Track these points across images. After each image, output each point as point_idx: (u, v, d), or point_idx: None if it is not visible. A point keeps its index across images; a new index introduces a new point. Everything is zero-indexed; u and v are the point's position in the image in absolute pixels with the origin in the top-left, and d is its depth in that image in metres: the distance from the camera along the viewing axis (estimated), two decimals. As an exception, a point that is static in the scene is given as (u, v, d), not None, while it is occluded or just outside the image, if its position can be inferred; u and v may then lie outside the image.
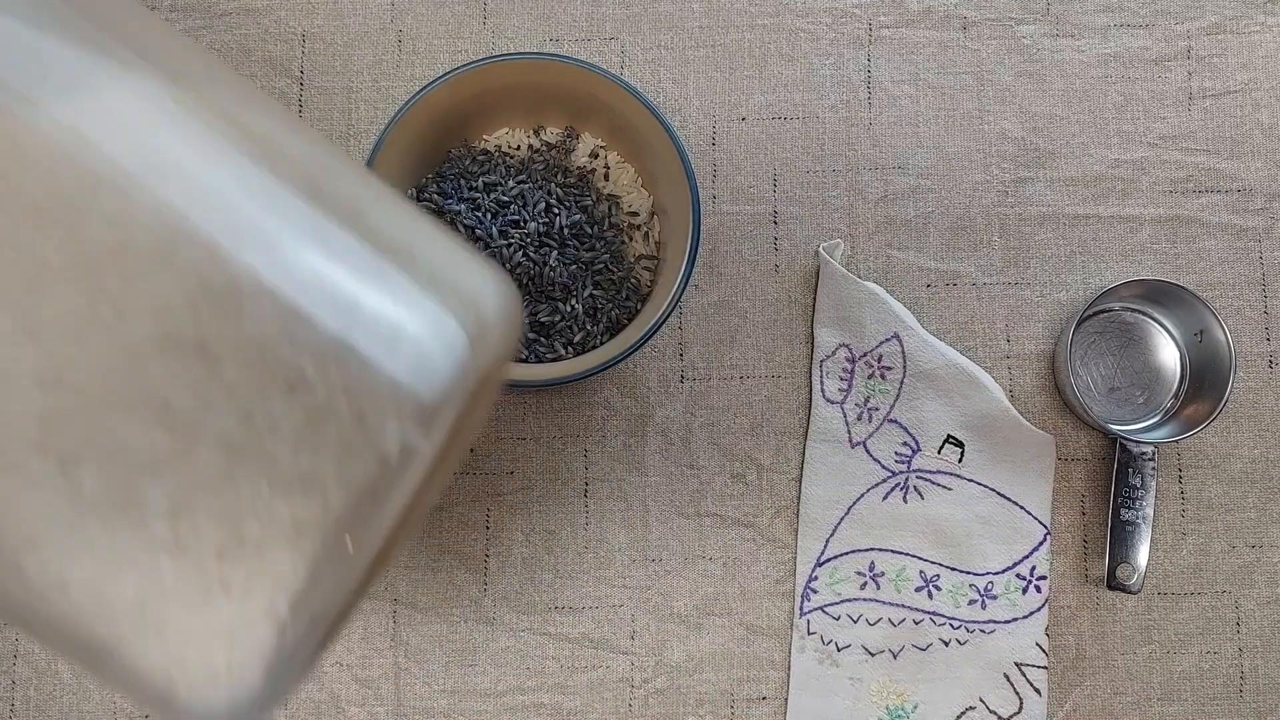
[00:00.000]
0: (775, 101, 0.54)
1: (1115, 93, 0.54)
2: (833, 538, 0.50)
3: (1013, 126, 0.53)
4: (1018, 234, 0.53)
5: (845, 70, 0.54)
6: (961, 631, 0.50)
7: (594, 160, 0.50)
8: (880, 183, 0.53)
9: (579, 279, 0.48)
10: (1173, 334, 0.52)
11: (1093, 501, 0.51)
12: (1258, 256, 0.53)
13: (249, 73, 0.54)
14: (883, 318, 0.51)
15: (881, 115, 0.53)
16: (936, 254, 0.53)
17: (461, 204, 0.47)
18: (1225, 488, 0.51)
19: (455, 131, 0.49)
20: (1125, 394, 0.52)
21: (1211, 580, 0.51)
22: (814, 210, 0.53)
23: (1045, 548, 0.50)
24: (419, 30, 0.54)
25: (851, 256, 0.53)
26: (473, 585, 0.51)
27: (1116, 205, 0.53)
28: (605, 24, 0.54)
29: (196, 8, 0.54)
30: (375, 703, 0.50)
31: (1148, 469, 0.49)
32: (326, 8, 0.54)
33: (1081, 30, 0.54)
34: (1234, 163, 0.53)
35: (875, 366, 0.51)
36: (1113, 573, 0.48)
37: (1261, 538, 0.51)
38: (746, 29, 0.54)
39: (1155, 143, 0.53)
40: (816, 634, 0.50)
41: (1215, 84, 0.54)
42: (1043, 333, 0.52)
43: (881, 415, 0.51)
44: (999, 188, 0.53)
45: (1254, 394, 0.52)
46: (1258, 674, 0.50)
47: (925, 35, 0.54)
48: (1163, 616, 0.51)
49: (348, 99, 0.54)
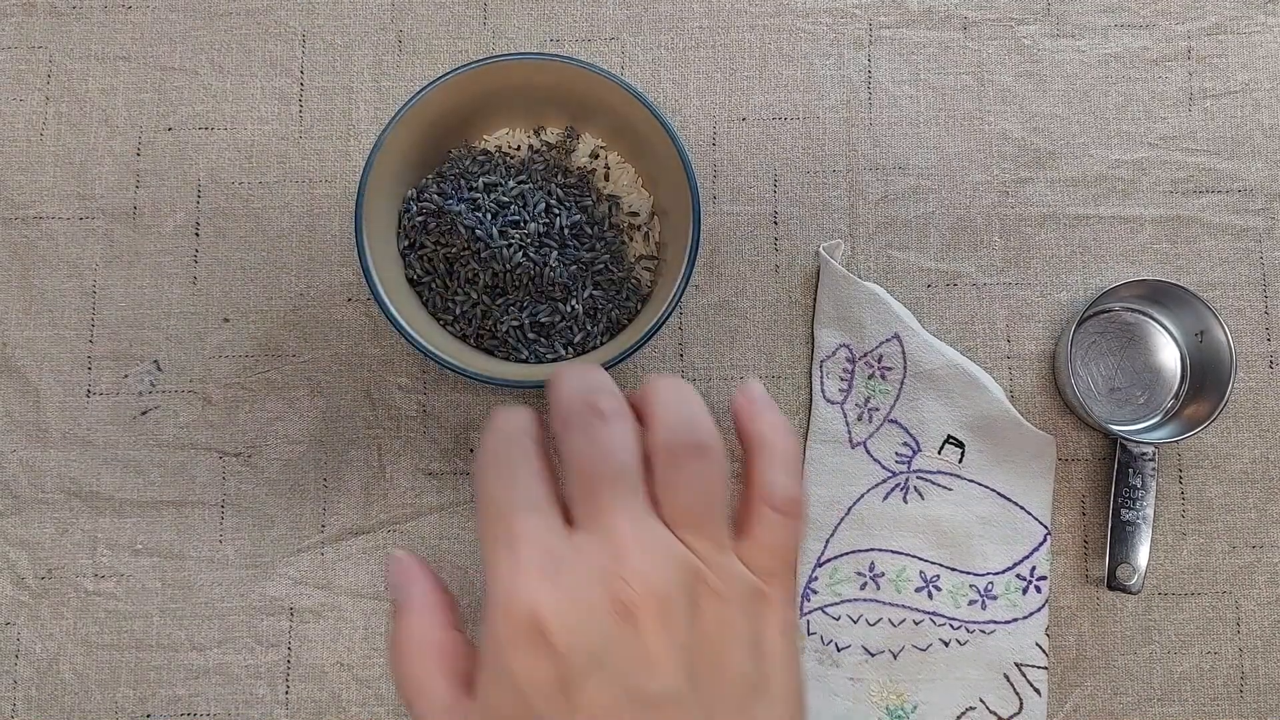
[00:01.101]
0: (775, 102, 0.54)
1: (1116, 93, 0.54)
2: (833, 538, 0.50)
3: (1013, 127, 0.53)
4: (1018, 234, 0.53)
5: (846, 70, 0.54)
6: (961, 632, 0.50)
7: (594, 161, 0.50)
8: (881, 183, 0.53)
9: (579, 279, 0.48)
10: (1173, 334, 0.52)
11: (1093, 502, 0.51)
12: (1258, 257, 0.53)
13: (249, 73, 0.54)
14: (883, 318, 0.50)
15: (882, 115, 0.53)
16: (937, 254, 0.53)
17: (461, 204, 0.47)
18: (1226, 488, 0.51)
19: (455, 132, 0.49)
20: (1126, 394, 0.52)
21: (1212, 581, 0.51)
22: (814, 210, 0.53)
23: (1045, 548, 0.50)
24: (419, 31, 0.54)
25: (852, 257, 0.53)
26: (473, 585, 0.50)
27: (1117, 205, 0.53)
28: (606, 24, 0.54)
29: (196, 8, 0.54)
30: (375, 703, 0.50)
31: (1148, 469, 0.49)
32: (326, 8, 0.54)
33: (1082, 30, 0.54)
34: (1235, 163, 0.53)
35: (875, 367, 0.51)
36: (1113, 573, 0.48)
37: (1262, 538, 0.51)
38: (747, 29, 0.54)
39: (1156, 143, 0.53)
40: (816, 634, 0.50)
41: (1216, 84, 0.54)
42: (1043, 333, 0.52)
43: (882, 415, 0.51)
44: (999, 188, 0.53)
45: (1254, 394, 0.52)
46: (1258, 674, 0.50)
47: (926, 35, 0.54)
48: (1163, 617, 0.51)
49: (348, 99, 0.54)
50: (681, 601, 0.31)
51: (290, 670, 0.50)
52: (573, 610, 0.30)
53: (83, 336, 0.52)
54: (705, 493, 0.33)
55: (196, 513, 0.51)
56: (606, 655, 0.30)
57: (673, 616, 0.30)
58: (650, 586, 0.30)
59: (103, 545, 0.51)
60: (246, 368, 0.52)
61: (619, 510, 0.31)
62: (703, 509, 0.33)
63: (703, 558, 0.32)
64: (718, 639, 0.31)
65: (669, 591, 0.30)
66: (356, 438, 0.51)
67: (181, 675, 0.50)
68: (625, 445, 0.32)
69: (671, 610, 0.30)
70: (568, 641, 0.29)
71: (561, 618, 0.30)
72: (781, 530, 0.34)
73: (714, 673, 0.31)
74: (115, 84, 0.54)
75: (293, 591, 0.50)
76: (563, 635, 0.29)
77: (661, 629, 0.30)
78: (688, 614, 0.31)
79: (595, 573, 0.30)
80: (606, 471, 0.32)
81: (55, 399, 0.52)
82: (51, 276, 0.52)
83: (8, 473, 0.51)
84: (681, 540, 0.32)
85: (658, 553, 0.31)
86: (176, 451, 0.51)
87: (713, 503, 0.33)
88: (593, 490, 0.32)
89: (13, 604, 0.50)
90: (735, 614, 0.32)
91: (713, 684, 0.31)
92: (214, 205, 0.53)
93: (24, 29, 0.54)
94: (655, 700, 0.30)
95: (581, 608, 0.30)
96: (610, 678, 0.29)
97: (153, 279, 0.52)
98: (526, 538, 0.31)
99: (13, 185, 0.53)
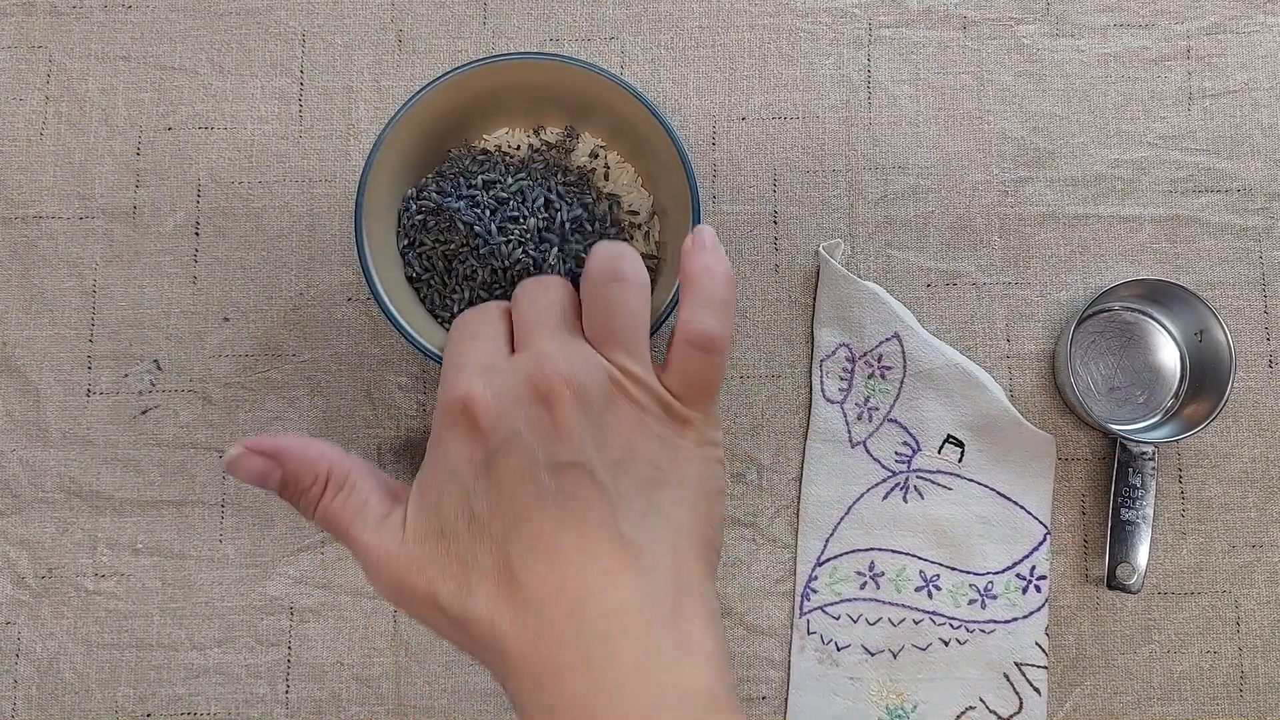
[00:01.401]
0: (775, 101, 0.54)
1: (1115, 92, 0.54)
2: (833, 537, 0.50)
3: (1013, 126, 0.53)
4: (1018, 234, 0.53)
5: (845, 70, 0.54)
6: (961, 631, 0.50)
7: (594, 160, 0.50)
8: (880, 182, 0.53)
9: (579, 276, 0.48)
10: (1173, 334, 0.52)
11: (1093, 501, 0.51)
12: (1258, 256, 0.53)
13: (249, 72, 0.54)
14: (883, 317, 0.51)
15: (881, 115, 0.54)
16: (936, 254, 0.53)
17: (460, 200, 0.47)
18: (1225, 487, 0.51)
19: (455, 131, 0.49)
20: (1125, 393, 0.52)
21: (1212, 580, 0.51)
22: (814, 210, 0.53)
23: (1045, 547, 0.50)
24: (419, 30, 0.54)
25: (851, 256, 0.53)
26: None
27: (1116, 205, 0.53)
28: (605, 24, 0.54)
29: (196, 7, 0.54)
30: (375, 702, 0.50)
31: (1148, 469, 0.49)
32: (326, 8, 0.54)
33: (1081, 30, 0.54)
34: (1234, 162, 0.53)
35: (875, 366, 0.51)
36: (1113, 572, 0.48)
37: (1261, 537, 0.51)
38: (746, 29, 0.54)
39: (1155, 142, 0.53)
40: (816, 634, 0.50)
41: (1215, 84, 0.54)
42: (1043, 332, 0.52)
43: (881, 415, 0.51)
44: (999, 187, 0.53)
45: (1254, 394, 0.52)
46: (1258, 674, 0.50)
47: (925, 35, 0.54)
48: (1163, 616, 0.51)
49: (347, 99, 0.54)
50: (597, 394, 0.36)
51: (290, 669, 0.50)
52: (497, 399, 0.35)
53: (83, 336, 0.52)
54: (624, 315, 0.37)
55: (197, 512, 0.51)
56: (523, 432, 0.35)
57: (587, 402, 0.35)
58: (566, 377, 0.35)
59: (103, 545, 0.51)
60: (246, 367, 0.52)
61: (547, 335, 0.37)
62: (621, 327, 0.37)
63: (622, 369, 0.37)
64: (629, 431, 0.36)
65: (584, 382, 0.35)
66: (356, 437, 0.51)
67: (182, 674, 0.50)
68: (558, 297, 0.39)
69: (586, 398, 0.35)
70: (491, 424, 0.35)
71: (487, 404, 0.35)
72: (698, 363, 0.37)
73: (623, 455, 0.36)
74: (115, 83, 0.54)
75: (293, 591, 0.50)
76: (487, 418, 0.35)
77: (575, 409, 0.35)
78: (602, 405, 0.36)
79: (521, 374, 0.35)
80: (538, 313, 0.38)
81: (55, 398, 0.52)
82: (51, 276, 0.52)
83: (8, 472, 0.51)
84: (603, 355, 0.37)
85: (577, 357, 0.36)
86: (176, 451, 0.51)
87: (632, 324, 0.37)
88: (528, 329, 0.37)
89: (13, 603, 0.50)
90: (649, 419, 0.37)
91: (620, 464, 0.35)
92: (214, 205, 0.53)
93: (24, 28, 0.54)
94: (562, 466, 0.35)
95: (505, 397, 0.35)
96: (524, 448, 0.34)
97: (153, 278, 0.52)
98: (472, 355, 0.37)
99: (12, 185, 0.53)
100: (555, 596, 0.34)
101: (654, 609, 0.34)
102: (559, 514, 0.34)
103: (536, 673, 0.33)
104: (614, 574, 0.34)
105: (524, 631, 0.33)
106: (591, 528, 0.34)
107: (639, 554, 0.35)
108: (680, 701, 0.32)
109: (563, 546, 0.34)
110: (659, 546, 0.35)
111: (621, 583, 0.34)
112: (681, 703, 0.32)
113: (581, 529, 0.34)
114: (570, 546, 0.34)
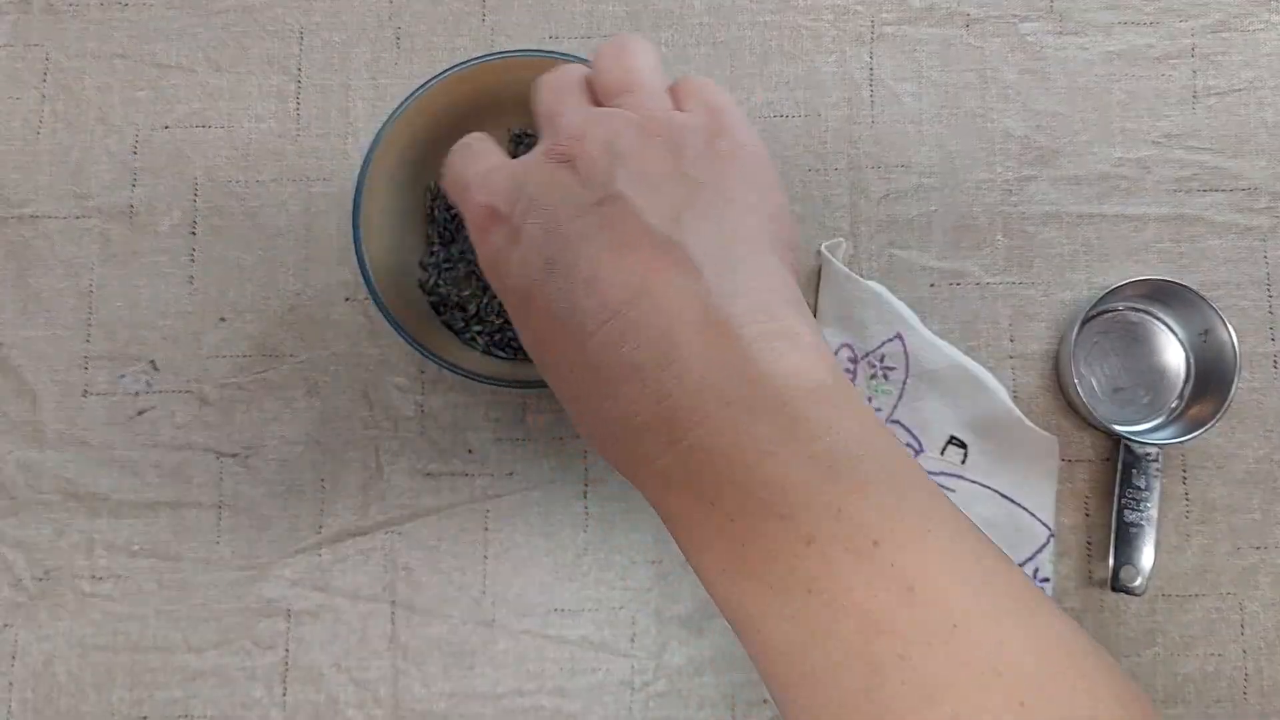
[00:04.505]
0: (777, 99, 0.53)
1: (1119, 91, 0.53)
2: (834, 539, 0.50)
3: (1016, 125, 0.53)
4: (1021, 233, 0.52)
5: (848, 68, 0.53)
6: (964, 634, 0.49)
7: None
8: (883, 181, 0.53)
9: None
10: (1177, 334, 0.52)
11: (1097, 503, 0.51)
12: (1262, 255, 0.52)
13: (246, 71, 0.53)
14: (885, 317, 0.50)
15: (884, 113, 0.53)
16: (940, 253, 0.52)
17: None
18: (1230, 489, 0.51)
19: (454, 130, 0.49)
20: (1129, 394, 0.51)
21: (1216, 582, 0.50)
22: (816, 209, 0.53)
23: (1049, 549, 0.49)
24: (417, 27, 0.54)
25: (854, 255, 0.52)
26: (471, 587, 0.50)
27: (1121, 204, 0.53)
28: (606, 21, 0.54)
29: (192, 5, 0.54)
30: (373, 705, 0.49)
31: (1152, 470, 0.49)
32: (324, 5, 0.54)
33: (1085, 28, 0.54)
34: (1239, 161, 0.53)
35: (878, 366, 0.50)
36: (1117, 575, 0.48)
37: (1266, 539, 0.51)
38: (748, 26, 0.54)
39: (1160, 141, 0.53)
40: (818, 636, 0.50)
41: (1220, 82, 0.53)
42: (1046, 332, 0.52)
43: (884, 416, 0.50)
44: (1002, 186, 0.53)
45: (1259, 394, 0.51)
46: (1262, 676, 0.50)
47: (928, 33, 0.54)
48: (1167, 619, 0.50)
49: (345, 96, 0.53)
50: (626, 134, 0.33)
51: (287, 672, 0.50)
52: (514, 179, 0.33)
53: (79, 336, 0.52)
54: (634, 68, 0.35)
55: (193, 514, 0.51)
56: (544, 192, 0.32)
57: (617, 146, 0.32)
58: (585, 134, 0.33)
59: (100, 546, 0.50)
60: (243, 368, 0.51)
61: (562, 111, 0.35)
62: (635, 78, 0.35)
63: (643, 111, 0.34)
64: (675, 132, 0.33)
65: (608, 135, 0.32)
66: (354, 438, 0.51)
67: (178, 677, 0.50)
68: (571, 80, 0.36)
69: (616, 142, 0.32)
70: (509, 208, 0.33)
71: (505, 195, 0.33)
72: (708, 89, 0.35)
73: (672, 145, 0.33)
74: (111, 82, 0.53)
75: (290, 593, 0.50)
76: (507, 205, 0.33)
77: (601, 155, 0.32)
78: (636, 141, 0.32)
79: (538, 151, 0.34)
80: (554, 97, 0.36)
81: (51, 399, 0.51)
82: (47, 276, 0.52)
83: (4, 473, 0.51)
84: (620, 106, 0.34)
85: (595, 116, 0.34)
86: (173, 452, 0.51)
87: (646, 73, 0.35)
88: (546, 117, 0.35)
89: (10, 605, 0.50)
90: (687, 119, 0.34)
91: (670, 150, 0.33)
92: (211, 204, 0.53)
93: (20, 27, 0.54)
94: (588, 206, 0.32)
95: (520, 172, 0.33)
96: (546, 203, 0.32)
97: (149, 278, 0.52)
98: (486, 158, 0.36)
99: (8, 184, 0.53)
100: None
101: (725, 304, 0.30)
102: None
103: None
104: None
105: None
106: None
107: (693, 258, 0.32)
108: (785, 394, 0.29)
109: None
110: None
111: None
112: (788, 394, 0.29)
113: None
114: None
